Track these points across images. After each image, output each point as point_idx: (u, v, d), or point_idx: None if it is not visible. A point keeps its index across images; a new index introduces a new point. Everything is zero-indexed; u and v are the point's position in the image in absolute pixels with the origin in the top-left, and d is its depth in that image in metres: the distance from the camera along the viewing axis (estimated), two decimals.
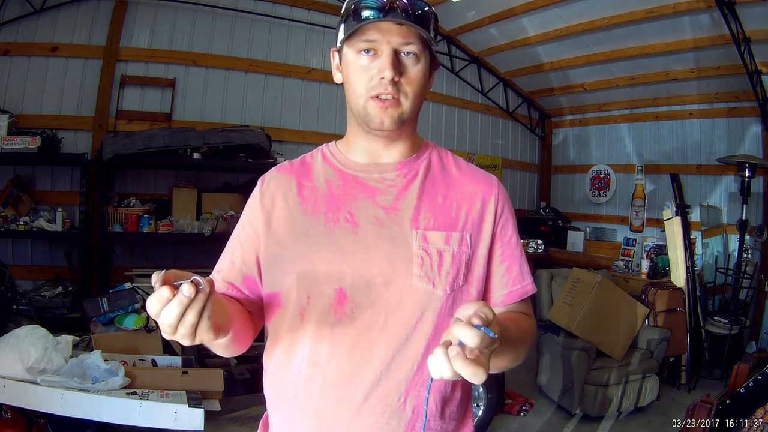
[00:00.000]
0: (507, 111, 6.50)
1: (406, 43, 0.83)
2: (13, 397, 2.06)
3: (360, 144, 0.93)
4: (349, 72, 0.88)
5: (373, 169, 0.92)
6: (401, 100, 0.86)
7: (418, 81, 0.86)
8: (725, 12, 3.66)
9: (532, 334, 0.93)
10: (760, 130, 4.67)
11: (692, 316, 4.15)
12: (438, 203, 0.91)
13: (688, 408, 2.19)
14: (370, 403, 0.84)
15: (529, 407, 3.54)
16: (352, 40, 0.85)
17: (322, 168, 0.95)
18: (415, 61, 0.85)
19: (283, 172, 0.96)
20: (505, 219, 0.95)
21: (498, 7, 4.87)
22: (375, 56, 0.84)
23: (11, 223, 3.59)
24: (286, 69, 4.89)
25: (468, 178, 0.96)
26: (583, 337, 3.39)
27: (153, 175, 4.39)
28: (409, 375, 0.84)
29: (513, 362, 0.87)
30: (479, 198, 0.93)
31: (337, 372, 0.84)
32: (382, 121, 0.86)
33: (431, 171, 0.95)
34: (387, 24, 0.82)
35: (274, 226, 0.91)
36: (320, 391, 0.85)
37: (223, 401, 2.56)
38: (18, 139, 3.49)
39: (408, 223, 0.88)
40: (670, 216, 4.39)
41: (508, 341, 0.75)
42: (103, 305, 2.99)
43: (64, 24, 4.04)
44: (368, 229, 0.87)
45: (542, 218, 6.37)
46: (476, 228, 0.91)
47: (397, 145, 0.93)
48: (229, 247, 0.96)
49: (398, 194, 0.90)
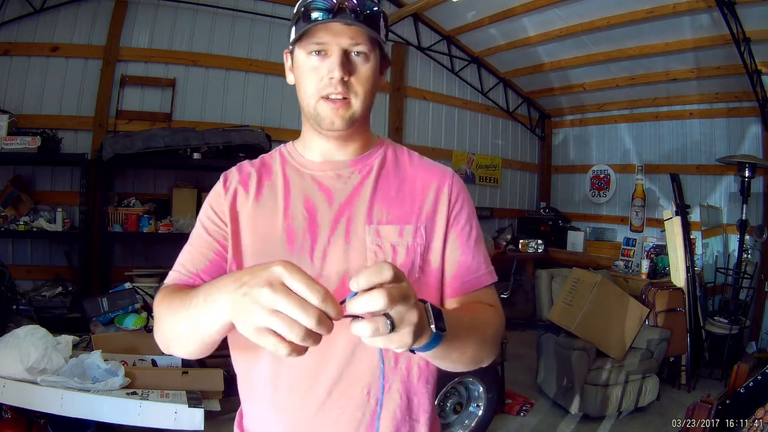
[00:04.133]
0: (507, 111, 6.50)
1: (355, 43, 0.84)
2: (13, 397, 2.06)
3: (314, 143, 0.95)
4: (299, 73, 0.89)
5: (327, 167, 0.94)
6: (351, 100, 0.87)
7: (368, 80, 0.87)
8: (725, 12, 3.66)
9: (495, 324, 0.88)
10: (760, 130, 4.67)
11: (692, 316, 4.15)
12: (391, 197, 0.92)
13: (688, 408, 2.18)
14: (334, 397, 0.86)
15: (529, 407, 3.54)
16: (303, 42, 0.86)
17: (280, 167, 0.96)
18: (365, 60, 0.86)
19: (244, 169, 0.97)
20: (459, 208, 0.95)
21: (498, 7, 4.87)
22: (325, 57, 0.85)
23: (11, 223, 3.59)
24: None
25: (421, 171, 0.97)
26: (583, 337, 3.39)
27: (153, 175, 4.39)
28: (370, 368, 0.86)
29: (475, 352, 0.81)
30: (433, 189, 0.94)
31: (300, 368, 0.86)
32: (332, 121, 0.87)
33: (385, 166, 0.96)
34: (336, 25, 0.83)
35: (236, 219, 0.92)
36: (287, 386, 0.87)
37: (223, 401, 2.56)
38: (18, 139, 3.49)
39: (362, 219, 0.89)
40: (670, 216, 4.39)
41: (456, 328, 0.71)
42: (103, 305, 2.99)
43: (64, 24, 4.04)
44: (324, 226, 0.89)
45: (542, 218, 6.38)
46: (430, 219, 0.92)
47: (350, 144, 0.95)
48: (193, 239, 0.94)
49: (353, 191, 0.92)
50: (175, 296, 0.79)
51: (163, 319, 0.81)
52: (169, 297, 0.81)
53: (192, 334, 0.74)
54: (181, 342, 0.79)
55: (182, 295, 0.76)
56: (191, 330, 0.73)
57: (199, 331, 0.71)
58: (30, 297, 3.41)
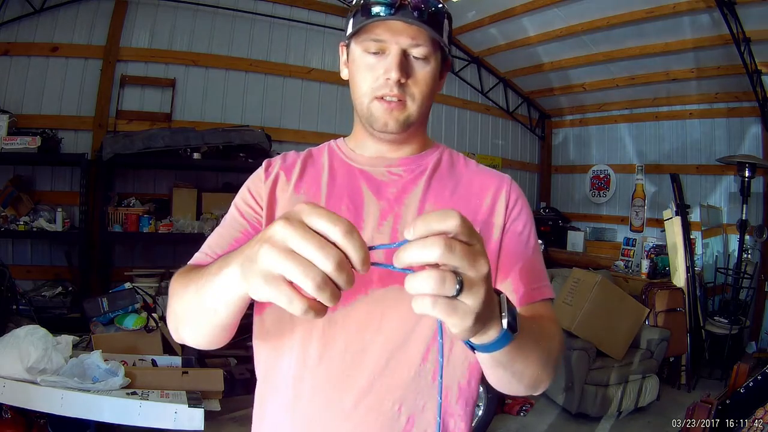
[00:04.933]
0: (507, 111, 6.50)
1: (416, 44, 0.79)
2: (13, 397, 2.06)
3: (367, 143, 0.90)
4: (354, 69, 0.84)
5: (379, 163, 0.89)
6: (407, 103, 0.82)
7: (426, 83, 0.82)
8: (725, 12, 3.66)
9: (559, 341, 0.77)
10: (760, 130, 4.67)
11: (692, 316, 4.15)
12: (445, 197, 0.86)
13: (688, 408, 2.18)
14: (361, 411, 0.78)
15: (529, 407, 3.54)
16: (360, 37, 0.81)
17: (327, 159, 0.91)
18: (425, 63, 0.81)
19: (289, 158, 0.92)
20: (517, 214, 0.87)
21: (498, 7, 4.87)
22: (382, 55, 0.80)
23: (11, 223, 3.59)
24: (286, 69, 4.89)
25: (478, 175, 0.91)
26: (583, 337, 3.39)
27: (153, 175, 4.39)
28: (405, 381, 0.78)
29: (538, 369, 0.69)
30: (490, 193, 0.88)
31: (326, 375, 0.78)
32: (386, 122, 0.82)
33: (440, 167, 0.91)
34: (396, 23, 0.77)
35: (273, 204, 0.87)
36: (309, 392, 0.79)
37: (223, 401, 2.56)
38: (18, 139, 3.49)
39: (412, 217, 0.82)
40: (670, 216, 4.39)
41: (527, 333, 0.60)
42: (103, 305, 2.99)
43: (64, 24, 4.04)
44: (369, 221, 0.83)
45: (542, 218, 6.37)
46: (486, 224, 0.85)
47: (404, 148, 0.90)
48: (225, 222, 0.89)
49: (404, 187, 0.86)
50: (192, 273, 0.71)
51: (174, 297, 0.73)
52: (185, 274, 0.74)
53: (202, 312, 0.65)
54: (192, 323, 0.70)
55: (198, 271, 0.68)
56: (201, 306, 0.64)
57: (208, 306, 0.62)
58: (30, 297, 3.40)
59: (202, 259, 0.83)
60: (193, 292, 0.66)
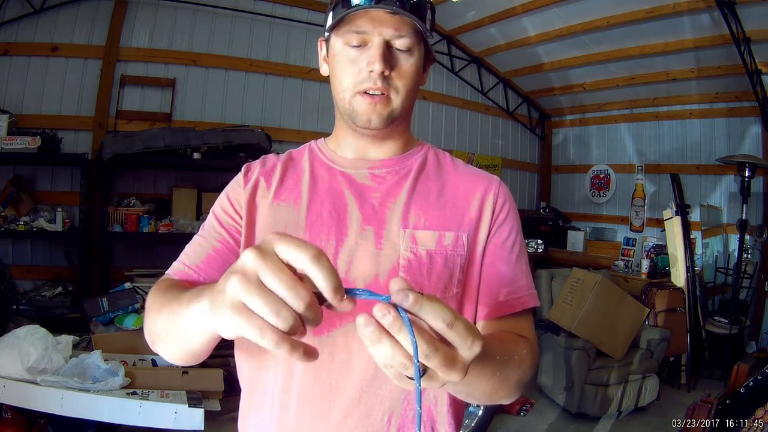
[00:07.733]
0: (507, 111, 6.50)
1: (399, 35, 0.76)
2: (13, 397, 2.06)
3: (348, 141, 0.86)
4: (335, 64, 0.80)
5: (362, 165, 0.85)
6: (391, 96, 0.79)
7: (410, 76, 0.79)
8: (725, 12, 3.66)
9: (526, 364, 0.71)
10: (760, 130, 4.67)
11: (692, 316, 4.15)
12: (431, 201, 0.83)
13: (688, 408, 2.18)
14: (350, 422, 0.76)
15: (529, 407, 3.54)
16: (340, 29, 0.77)
17: (308, 162, 0.87)
18: (408, 54, 0.78)
19: (268, 162, 0.89)
20: (504, 217, 0.84)
21: (498, 7, 4.87)
22: (364, 48, 0.77)
23: (11, 223, 3.59)
24: (286, 69, 4.89)
25: (466, 176, 0.87)
26: (583, 337, 3.39)
27: (153, 175, 4.38)
28: (394, 392, 0.76)
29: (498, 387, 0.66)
30: (478, 196, 0.84)
31: (313, 386, 0.76)
32: (369, 118, 0.79)
33: (426, 169, 0.87)
34: (378, 12, 0.74)
35: (253, 212, 0.84)
36: (297, 404, 0.77)
37: (223, 401, 2.56)
38: (18, 139, 3.49)
39: (397, 222, 0.80)
40: (670, 216, 4.39)
41: (485, 357, 0.56)
42: (103, 305, 2.99)
43: (64, 24, 4.04)
44: (353, 227, 0.79)
45: (542, 218, 6.38)
46: (474, 228, 0.82)
47: (387, 144, 0.86)
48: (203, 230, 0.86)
49: (388, 191, 0.83)
50: (168, 294, 0.70)
51: (149, 315, 0.73)
52: (162, 293, 0.72)
53: (175, 338, 0.64)
54: (166, 344, 0.69)
55: (174, 294, 0.67)
56: (173, 333, 0.63)
57: (180, 335, 0.62)
58: (30, 297, 3.41)
59: (180, 270, 0.81)
60: (166, 317, 0.65)
